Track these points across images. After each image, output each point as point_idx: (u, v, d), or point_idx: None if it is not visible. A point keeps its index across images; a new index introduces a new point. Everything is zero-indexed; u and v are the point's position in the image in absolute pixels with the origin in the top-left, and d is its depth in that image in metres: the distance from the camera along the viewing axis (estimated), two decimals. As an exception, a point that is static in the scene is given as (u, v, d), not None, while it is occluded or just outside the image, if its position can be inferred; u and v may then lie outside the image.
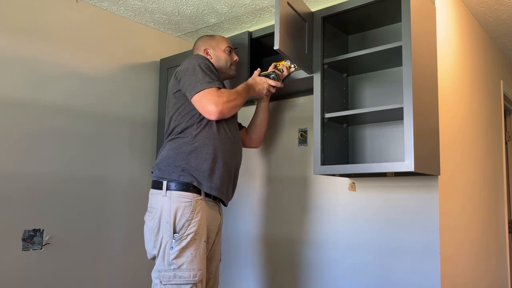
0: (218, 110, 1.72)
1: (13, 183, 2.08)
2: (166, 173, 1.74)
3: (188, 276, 1.64)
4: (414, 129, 1.63)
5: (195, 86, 1.74)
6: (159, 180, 1.75)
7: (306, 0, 2.30)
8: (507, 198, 3.11)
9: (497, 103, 2.98)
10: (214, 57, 2.01)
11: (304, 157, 2.34)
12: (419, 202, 1.90)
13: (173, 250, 1.65)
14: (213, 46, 2.04)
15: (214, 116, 1.73)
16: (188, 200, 1.70)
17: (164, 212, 1.70)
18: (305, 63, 1.93)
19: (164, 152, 1.81)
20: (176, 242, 1.66)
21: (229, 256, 2.60)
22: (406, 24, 1.69)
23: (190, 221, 1.68)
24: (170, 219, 1.67)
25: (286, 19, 1.78)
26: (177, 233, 1.66)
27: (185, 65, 1.82)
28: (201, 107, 1.74)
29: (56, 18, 2.30)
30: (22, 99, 2.14)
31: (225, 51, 2.04)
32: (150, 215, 1.77)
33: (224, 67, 2.03)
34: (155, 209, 1.74)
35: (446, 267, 1.87)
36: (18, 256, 2.07)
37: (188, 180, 1.72)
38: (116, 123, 2.52)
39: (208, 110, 1.73)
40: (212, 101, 1.71)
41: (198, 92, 1.73)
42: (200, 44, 2.05)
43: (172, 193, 1.71)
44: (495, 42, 2.97)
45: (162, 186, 1.73)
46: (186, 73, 1.78)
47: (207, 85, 1.73)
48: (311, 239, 2.24)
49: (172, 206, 1.68)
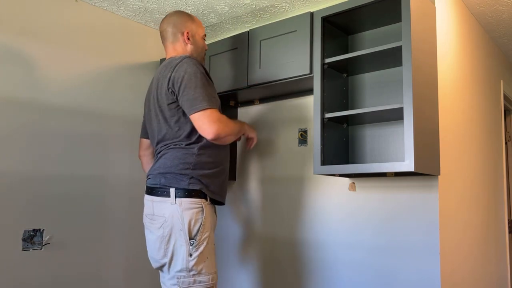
0: (217, 133, 1.68)
1: (13, 183, 2.08)
2: (174, 181, 1.72)
3: (207, 280, 1.69)
4: (414, 129, 1.63)
5: (195, 104, 1.68)
6: (165, 187, 1.73)
7: (306, 0, 2.30)
8: (507, 198, 3.10)
9: (497, 103, 2.98)
10: (193, 44, 1.90)
11: (304, 157, 2.34)
12: (419, 202, 1.90)
13: (192, 257, 1.67)
14: (194, 30, 1.91)
15: (210, 137, 1.69)
16: (199, 206, 1.72)
17: (176, 220, 1.68)
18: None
19: (168, 161, 1.76)
20: (194, 248, 1.67)
21: (229, 256, 2.60)
22: (406, 24, 1.69)
23: (204, 226, 1.71)
24: (184, 227, 1.67)
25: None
26: (194, 239, 1.67)
27: (180, 75, 1.72)
28: (200, 125, 1.69)
29: (55, 18, 2.30)
30: (22, 99, 2.14)
31: (203, 38, 1.96)
32: (155, 224, 1.74)
33: (201, 57, 1.95)
34: (161, 217, 1.71)
35: (446, 266, 1.87)
36: (18, 256, 2.07)
37: (198, 187, 1.73)
38: (116, 123, 2.52)
39: (207, 131, 1.68)
40: (214, 122, 1.67)
41: (199, 111, 1.68)
42: (180, 23, 1.89)
43: (182, 200, 1.69)
44: (495, 42, 2.97)
45: (169, 193, 1.71)
46: (185, 87, 1.70)
47: (209, 104, 1.68)
48: (311, 239, 2.24)
49: (185, 214, 1.68)
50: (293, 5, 2.36)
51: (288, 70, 2.08)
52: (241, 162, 2.63)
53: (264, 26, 2.21)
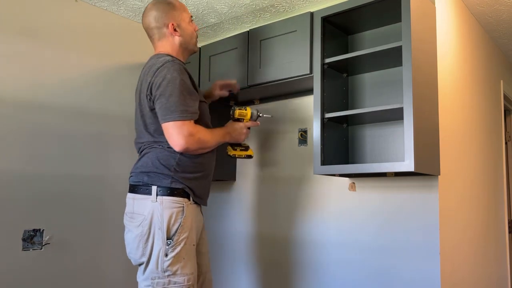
0: (185, 147, 1.62)
1: (13, 183, 2.08)
2: (157, 179, 1.67)
3: (182, 281, 1.63)
4: (414, 129, 1.63)
5: (167, 114, 1.60)
6: (148, 185, 1.67)
7: (306, 0, 2.30)
8: (507, 198, 3.10)
9: (497, 103, 2.98)
10: (182, 35, 1.78)
11: (304, 157, 2.34)
12: (419, 202, 1.90)
13: (168, 257, 1.61)
14: (178, 18, 1.78)
15: (177, 149, 1.62)
16: (180, 205, 1.66)
17: (155, 219, 1.63)
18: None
19: (149, 160, 1.70)
20: (170, 248, 1.62)
21: (228, 255, 2.60)
22: (406, 24, 1.69)
23: (183, 226, 1.65)
24: (163, 225, 1.62)
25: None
26: (171, 239, 1.62)
27: (158, 81, 1.63)
28: (168, 135, 1.62)
29: (56, 18, 2.30)
30: (22, 98, 2.14)
31: (190, 21, 1.82)
32: (134, 222, 1.68)
33: (192, 43, 1.84)
34: (141, 215, 1.66)
35: (446, 266, 1.87)
36: (18, 256, 2.07)
37: (180, 186, 1.68)
38: (116, 123, 2.52)
39: (174, 143, 1.62)
40: (183, 136, 1.60)
41: (169, 122, 1.60)
42: (161, 16, 1.76)
43: (163, 198, 1.64)
44: (495, 42, 2.97)
45: (151, 191, 1.66)
46: (160, 94, 1.62)
47: (180, 116, 1.60)
48: (311, 239, 2.24)
49: (165, 212, 1.63)
50: (293, 5, 2.36)
51: (288, 70, 2.08)
52: (241, 162, 2.63)
53: (264, 26, 2.21)
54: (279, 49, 2.13)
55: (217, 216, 2.68)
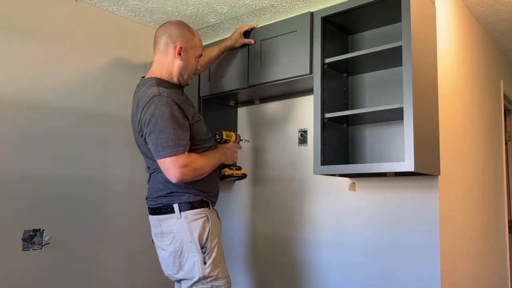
0: (181, 179, 1.67)
1: (13, 183, 2.08)
2: (174, 198, 1.74)
3: (223, 284, 1.74)
4: (414, 129, 1.63)
5: (159, 150, 1.64)
6: (168, 205, 1.74)
7: (306, 0, 2.30)
8: (507, 198, 3.10)
9: (497, 103, 2.98)
10: (184, 61, 1.80)
11: (304, 157, 2.34)
12: (419, 202, 1.90)
13: (207, 265, 1.70)
14: (189, 47, 1.81)
15: (174, 181, 1.67)
16: (203, 215, 1.74)
17: (184, 233, 1.71)
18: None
19: (160, 184, 1.76)
20: (207, 256, 1.70)
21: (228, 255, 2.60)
22: (406, 24, 1.69)
23: (212, 233, 1.74)
24: (194, 237, 1.70)
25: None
26: (205, 247, 1.71)
27: (147, 118, 1.65)
28: (165, 170, 1.67)
29: (56, 18, 2.30)
30: (21, 99, 2.14)
31: (196, 58, 1.86)
32: (165, 241, 1.76)
33: (188, 74, 1.84)
34: (170, 233, 1.74)
35: (446, 266, 1.87)
36: (18, 256, 2.07)
37: (198, 199, 1.75)
38: (116, 123, 2.52)
39: (171, 176, 1.66)
40: (178, 168, 1.64)
41: (163, 158, 1.64)
42: (176, 36, 1.79)
43: (187, 213, 1.72)
44: (495, 42, 2.97)
45: (173, 209, 1.73)
46: (150, 131, 1.65)
47: (172, 151, 1.63)
48: (311, 239, 2.24)
49: (192, 225, 1.70)
50: (293, 5, 2.36)
51: (288, 70, 2.08)
52: (241, 162, 2.63)
53: (264, 26, 2.21)
54: (279, 49, 2.13)
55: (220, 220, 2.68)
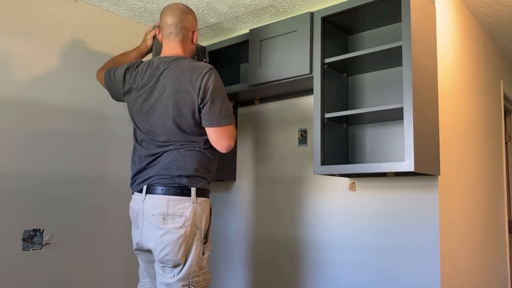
0: (229, 149, 1.72)
1: (13, 183, 2.08)
2: (195, 182, 1.70)
3: (209, 278, 1.73)
4: (414, 129, 1.63)
5: (220, 118, 1.67)
6: (186, 187, 1.68)
7: (306, 0, 2.30)
8: (507, 198, 3.10)
9: (497, 103, 2.98)
10: (194, 45, 1.87)
11: (304, 157, 2.34)
12: (419, 202, 1.90)
13: (204, 256, 1.70)
14: (196, 32, 1.87)
15: (225, 150, 1.71)
16: (210, 205, 1.76)
17: (196, 219, 1.68)
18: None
19: (188, 164, 1.69)
20: (206, 247, 1.70)
21: (228, 256, 2.60)
22: (406, 24, 1.69)
23: (211, 225, 1.75)
24: (202, 226, 1.69)
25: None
26: (206, 238, 1.71)
27: (209, 86, 1.66)
28: (220, 139, 1.69)
29: (56, 18, 2.30)
30: (21, 99, 2.14)
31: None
32: (173, 223, 1.65)
33: (191, 57, 1.89)
34: (182, 216, 1.66)
35: (446, 266, 1.87)
36: (18, 256, 2.07)
37: (208, 187, 1.77)
38: (116, 123, 2.52)
39: (223, 145, 1.70)
40: (232, 137, 1.71)
41: (222, 126, 1.68)
42: (193, 22, 1.83)
43: (202, 200, 1.71)
44: (495, 42, 2.97)
45: (190, 193, 1.68)
46: (213, 99, 1.66)
47: (231, 119, 1.70)
48: (311, 239, 2.24)
49: (204, 213, 1.70)
50: (293, 5, 2.36)
51: (288, 70, 2.08)
52: (241, 162, 2.63)
53: (264, 26, 2.21)
54: (279, 49, 2.13)
55: (216, 216, 2.68)
